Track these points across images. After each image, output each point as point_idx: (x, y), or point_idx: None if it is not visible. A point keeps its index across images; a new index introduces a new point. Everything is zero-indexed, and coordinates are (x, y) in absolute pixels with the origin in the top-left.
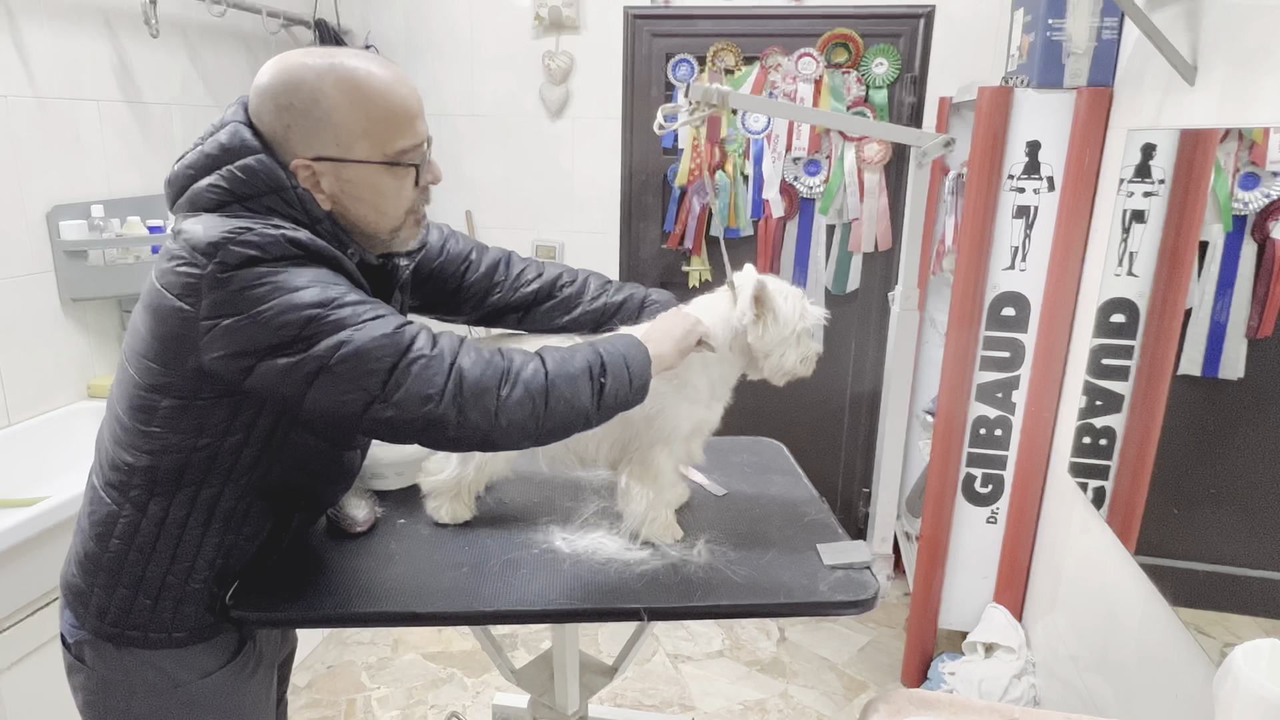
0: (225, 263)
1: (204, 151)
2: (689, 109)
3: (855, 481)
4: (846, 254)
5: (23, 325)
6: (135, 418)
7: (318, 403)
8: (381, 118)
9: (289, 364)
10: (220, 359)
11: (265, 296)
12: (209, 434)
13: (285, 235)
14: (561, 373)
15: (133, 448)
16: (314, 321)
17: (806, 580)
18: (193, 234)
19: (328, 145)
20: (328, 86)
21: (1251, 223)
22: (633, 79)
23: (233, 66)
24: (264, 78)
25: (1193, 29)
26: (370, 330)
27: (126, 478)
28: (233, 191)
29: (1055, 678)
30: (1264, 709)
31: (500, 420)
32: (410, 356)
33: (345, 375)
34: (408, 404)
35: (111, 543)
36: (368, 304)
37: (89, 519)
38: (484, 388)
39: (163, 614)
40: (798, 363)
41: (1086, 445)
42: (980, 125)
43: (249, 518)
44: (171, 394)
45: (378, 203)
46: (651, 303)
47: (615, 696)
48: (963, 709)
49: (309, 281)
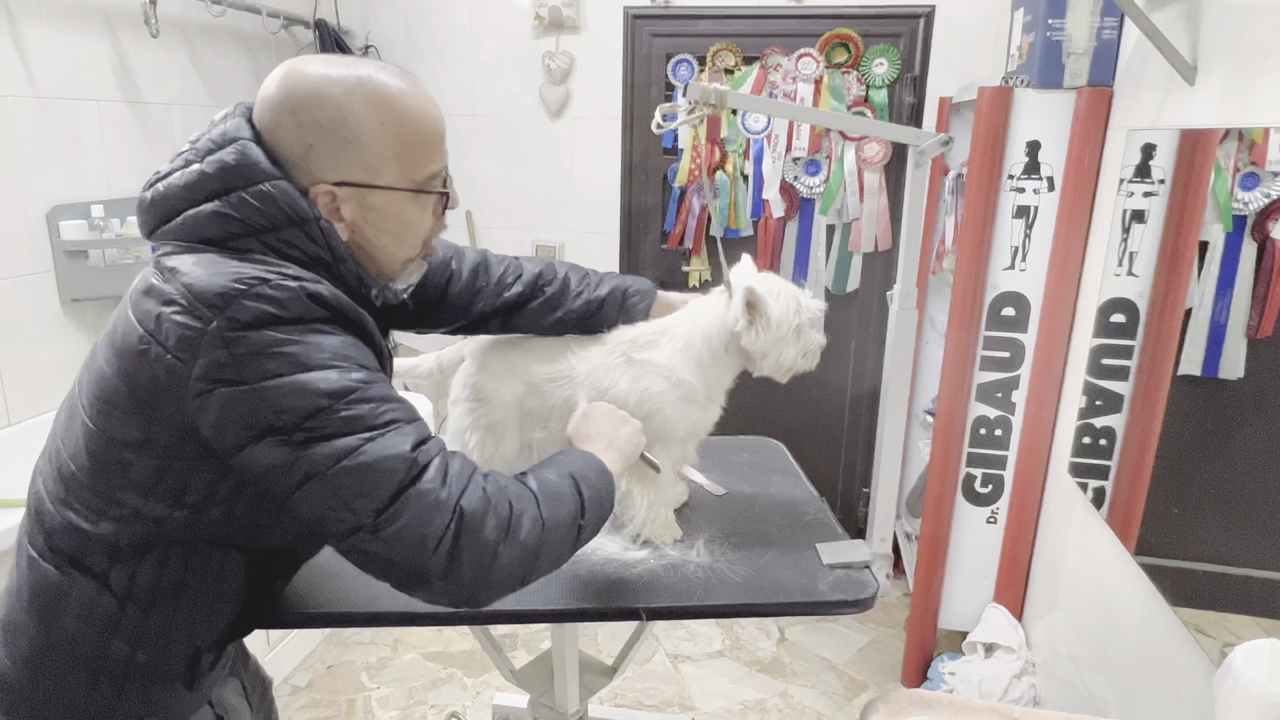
0: (235, 319)
1: (202, 171)
2: (688, 109)
3: (855, 481)
4: (846, 254)
5: (23, 325)
6: (97, 478)
7: (301, 505)
8: (414, 141)
9: (283, 457)
10: (207, 427)
11: (275, 370)
12: (187, 504)
13: (305, 289)
14: (554, 523)
15: (91, 511)
16: (322, 414)
17: (806, 580)
18: (194, 278)
19: (354, 169)
20: (357, 104)
21: (1251, 223)
22: (633, 79)
23: (233, 66)
24: (278, 89)
25: (1193, 29)
26: (384, 446)
27: (79, 544)
28: (244, 222)
29: (1055, 678)
30: (1264, 709)
31: (490, 579)
32: (419, 488)
33: (339, 490)
34: (398, 542)
35: (63, 621)
36: (389, 404)
37: (27, 592)
38: (483, 542)
39: (129, 701)
40: (798, 358)
41: (1086, 445)
42: (980, 125)
43: (226, 576)
44: (148, 452)
45: (401, 232)
46: (633, 295)
47: (615, 696)
48: (963, 709)
49: (329, 359)
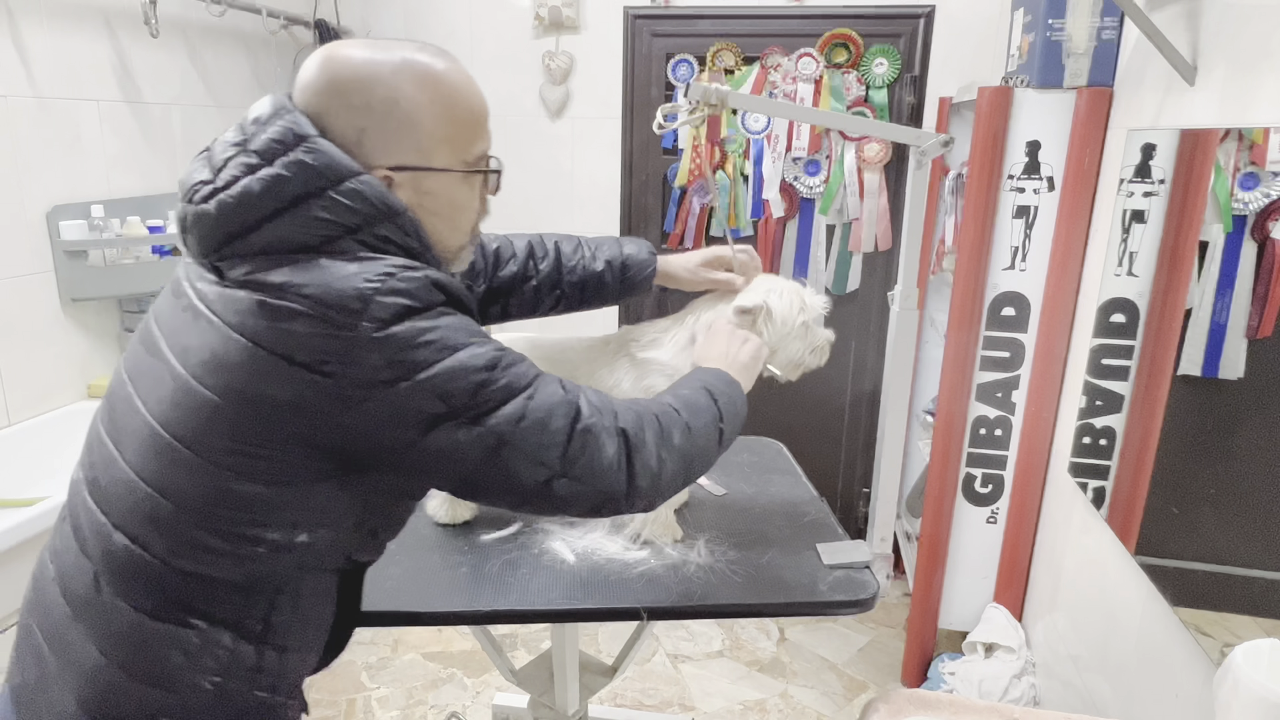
0: (379, 319)
1: (277, 175)
2: (688, 109)
3: (855, 481)
4: (846, 254)
5: (23, 325)
6: (213, 518)
7: (488, 477)
8: (463, 120)
9: (460, 439)
10: (366, 434)
11: (428, 359)
12: (308, 528)
13: (429, 277)
14: (699, 428)
15: (208, 553)
16: (485, 388)
17: (806, 580)
18: (317, 288)
19: (408, 152)
20: (406, 84)
21: (1251, 223)
22: (633, 79)
23: (233, 66)
24: (320, 73)
25: (1193, 29)
26: (544, 396)
27: (202, 593)
28: (339, 223)
29: (1055, 678)
30: (1264, 709)
31: (659, 485)
32: (584, 424)
33: (526, 449)
34: (586, 476)
35: (196, 680)
36: (524, 361)
37: (139, 660)
38: (649, 454)
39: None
40: (806, 354)
41: (1086, 445)
42: (980, 125)
43: (328, 602)
44: (279, 479)
45: (454, 216)
46: (631, 266)
47: (615, 696)
48: (963, 709)
49: (467, 336)
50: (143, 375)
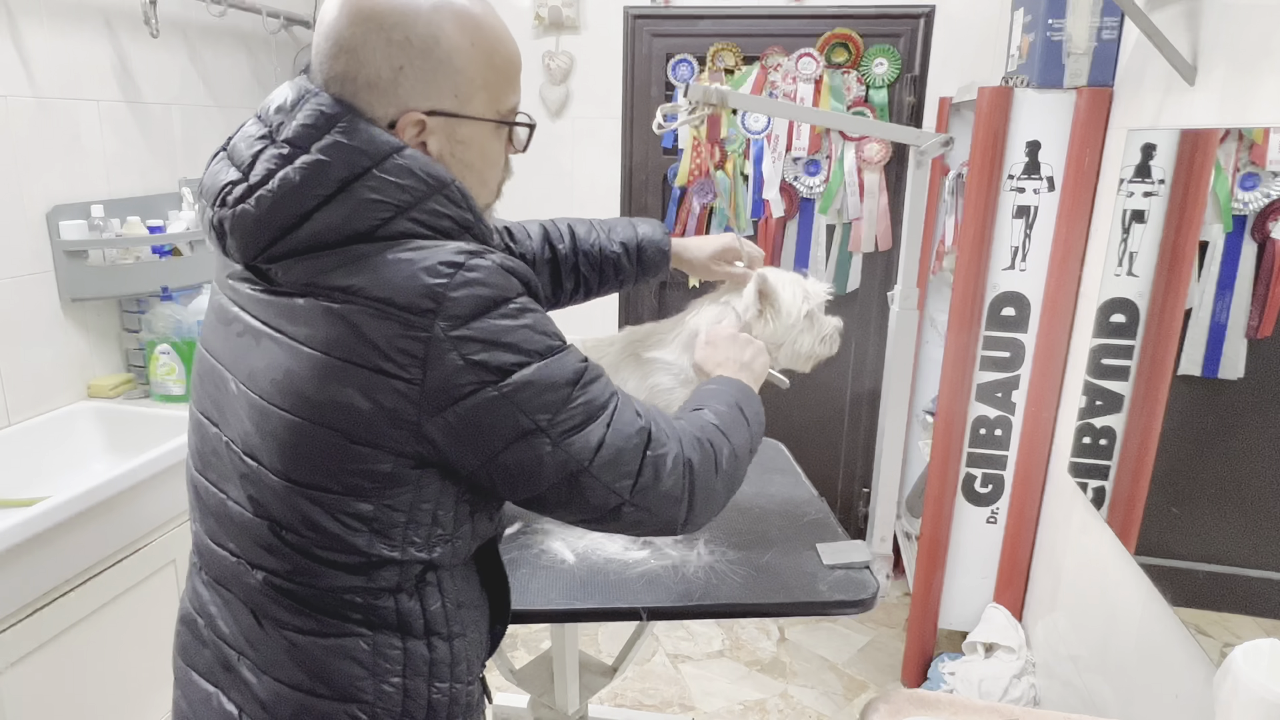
0: (456, 316)
1: (318, 160)
2: (688, 109)
3: (855, 481)
4: (846, 254)
5: (22, 325)
6: (338, 540)
7: (560, 498)
8: (501, 66)
9: (539, 457)
10: (451, 442)
11: (512, 364)
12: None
13: (498, 262)
14: (741, 450)
15: (343, 570)
16: (569, 405)
17: (806, 580)
18: (384, 288)
19: (445, 96)
20: (446, 22)
21: (1251, 223)
22: (633, 79)
23: (233, 66)
24: (355, 8)
25: (1193, 29)
26: (622, 423)
27: (358, 605)
28: (393, 203)
29: (1055, 678)
30: (1264, 709)
31: (712, 510)
32: (657, 453)
33: (602, 479)
34: (653, 505)
35: (385, 686)
36: (601, 374)
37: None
38: (706, 483)
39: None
40: (816, 344)
41: (1086, 445)
42: (980, 125)
43: (467, 579)
44: (388, 495)
45: (484, 170)
46: (648, 248)
47: (615, 696)
48: (963, 709)
49: (549, 339)
50: (222, 413)
